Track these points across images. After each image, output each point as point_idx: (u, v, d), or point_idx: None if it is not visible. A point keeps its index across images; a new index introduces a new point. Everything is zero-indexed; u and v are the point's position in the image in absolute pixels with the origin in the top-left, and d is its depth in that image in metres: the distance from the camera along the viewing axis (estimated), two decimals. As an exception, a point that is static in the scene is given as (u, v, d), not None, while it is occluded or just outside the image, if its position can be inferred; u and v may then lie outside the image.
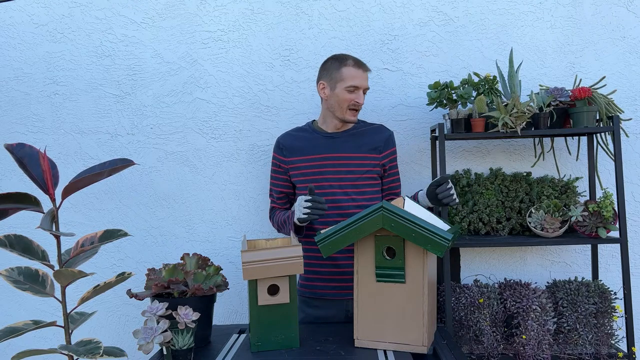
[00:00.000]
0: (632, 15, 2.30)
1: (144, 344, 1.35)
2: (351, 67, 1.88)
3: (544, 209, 2.10)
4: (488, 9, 2.33)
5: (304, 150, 1.96)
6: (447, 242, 1.37)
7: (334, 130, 1.99)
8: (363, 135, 1.98)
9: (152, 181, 2.38)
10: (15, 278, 1.15)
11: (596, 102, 2.06)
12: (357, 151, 1.94)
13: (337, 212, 1.90)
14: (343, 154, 1.94)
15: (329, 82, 1.91)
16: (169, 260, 2.35)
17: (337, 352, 1.50)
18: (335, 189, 1.92)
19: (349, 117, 1.92)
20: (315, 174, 1.94)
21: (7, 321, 2.37)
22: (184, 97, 2.38)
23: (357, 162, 1.93)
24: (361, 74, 1.89)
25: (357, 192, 1.93)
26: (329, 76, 1.91)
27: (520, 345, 1.97)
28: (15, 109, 2.41)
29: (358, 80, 1.88)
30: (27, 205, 1.12)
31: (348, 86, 1.87)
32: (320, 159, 1.94)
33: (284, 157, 1.99)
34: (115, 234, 1.18)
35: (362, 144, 1.95)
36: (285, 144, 2.00)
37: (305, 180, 1.95)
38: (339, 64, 1.90)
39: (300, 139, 2.00)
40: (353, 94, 1.88)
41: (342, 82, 1.88)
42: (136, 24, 2.38)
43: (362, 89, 1.90)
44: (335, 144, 1.95)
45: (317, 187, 1.91)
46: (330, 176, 1.93)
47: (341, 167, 1.93)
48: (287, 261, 1.50)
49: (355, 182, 1.93)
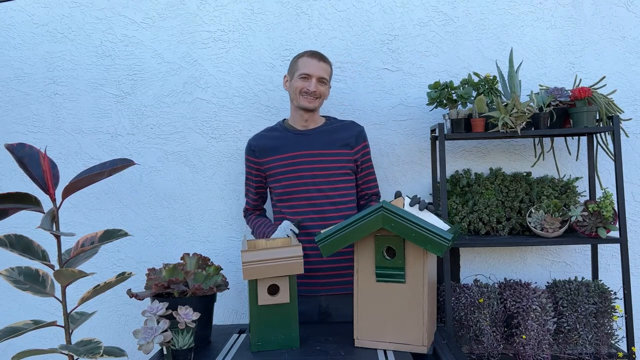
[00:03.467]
0: (632, 15, 2.30)
1: (144, 343, 1.35)
2: (306, 57, 1.98)
3: (544, 209, 2.10)
4: (488, 9, 2.33)
5: (277, 149, 2.00)
6: (447, 242, 1.37)
7: (303, 127, 2.04)
8: (334, 132, 2.03)
9: (152, 181, 2.38)
10: (16, 278, 1.15)
11: (596, 102, 2.07)
12: (329, 147, 1.99)
13: (312, 210, 1.95)
14: (315, 150, 1.98)
15: (289, 74, 2.03)
16: (169, 260, 2.35)
17: (337, 352, 1.50)
18: (310, 186, 1.96)
19: (302, 103, 1.97)
20: (289, 172, 1.97)
21: (7, 321, 2.37)
22: (184, 97, 2.38)
23: (330, 158, 1.98)
24: (315, 62, 1.97)
25: (331, 188, 1.97)
26: (290, 69, 2.03)
27: (520, 345, 1.97)
28: (15, 109, 2.41)
29: (309, 68, 1.96)
30: (28, 205, 1.12)
31: (301, 74, 1.96)
32: (293, 156, 1.98)
33: (257, 158, 2.03)
34: (115, 234, 1.18)
35: (334, 140, 2.00)
36: (257, 145, 2.04)
37: (281, 178, 1.98)
38: (297, 57, 2.02)
39: (271, 138, 2.04)
40: (305, 81, 1.96)
41: (297, 71, 1.98)
42: (136, 24, 2.38)
43: (315, 77, 1.96)
44: (307, 141, 2.00)
45: (292, 185, 1.96)
46: (304, 173, 1.96)
47: (314, 164, 1.97)
48: (287, 261, 1.50)
49: (329, 179, 1.97)
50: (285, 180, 1.97)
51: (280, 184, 1.98)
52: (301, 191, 1.96)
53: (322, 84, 1.98)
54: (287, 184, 1.97)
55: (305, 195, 1.96)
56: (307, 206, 1.95)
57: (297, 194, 1.96)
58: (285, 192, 1.98)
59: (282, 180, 1.98)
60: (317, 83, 1.96)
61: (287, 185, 1.97)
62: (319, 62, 1.97)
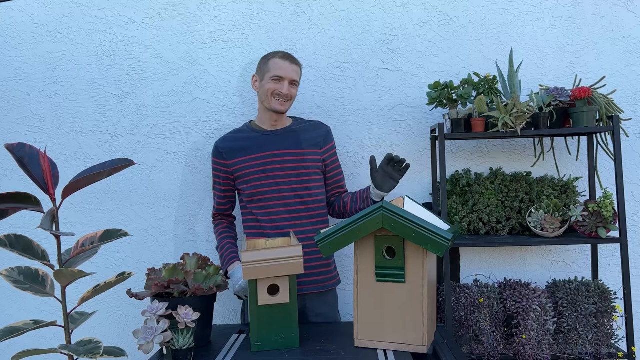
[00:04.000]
0: (632, 15, 2.30)
1: (144, 343, 1.35)
2: (277, 59, 1.98)
3: (544, 209, 2.10)
4: (488, 9, 2.33)
5: (246, 150, 2.00)
6: (447, 242, 1.37)
7: (271, 127, 2.04)
8: (302, 132, 2.04)
9: (152, 181, 2.38)
10: (16, 278, 1.15)
11: (596, 102, 2.07)
12: (298, 147, 2.00)
13: (284, 209, 1.96)
14: (285, 150, 1.99)
15: (259, 74, 2.02)
16: (169, 260, 2.35)
17: (337, 352, 1.50)
18: (281, 186, 1.97)
19: (274, 106, 1.98)
20: (260, 172, 1.97)
21: (8, 321, 2.37)
22: (184, 97, 2.38)
23: (300, 157, 1.99)
24: (287, 65, 1.98)
25: (302, 187, 1.98)
26: (260, 70, 2.03)
27: (520, 345, 1.97)
28: (15, 109, 2.41)
29: (281, 70, 1.96)
30: (28, 205, 1.12)
31: (273, 76, 1.96)
32: (264, 157, 1.98)
33: (225, 160, 2.02)
34: (115, 234, 1.18)
35: (302, 141, 2.02)
36: (225, 147, 2.03)
37: (251, 179, 1.98)
38: (267, 58, 2.01)
39: (239, 139, 2.04)
40: (278, 83, 1.96)
41: (268, 73, 1.97)
42: (136, 24, 2.38)
43: (287, 79, 1.97)
44: (276, 141, 2.01)
45: (263, 185, 1.97)
46: (275, 173, 1.97)
47: (285, 164, 1.98)
48: (287, 261, 1.50)
49: (300, 178, 1.98)
50: (256, 181, 1.97)
51: (250, 185, 1.98)
52: (273, 191, 1.97)
53: (294, 86, 2.01)
54: (257, 184, 1.97)
55: (277, 195, 1.97)
56: (279, 206, 1.96)
57: (269, 194, 1.97)
58: (256, 193, 1.98)
59: (252, 181, 1.98)
60: (289, 86, 1.98)
61: (258, 185, 1.97)
62: (291, 65, 1.99)
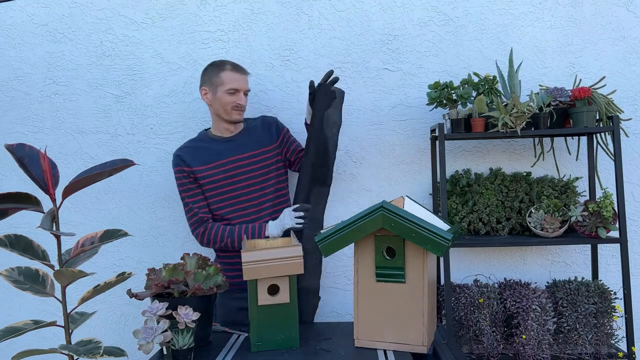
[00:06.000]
0: (632, 15, 2.30)
1: (144, 343, 1.35)
2: (229, 71, 2.00)
3: (544, 209, 2.10)
4: (488, 9, 2.33)
5: (208, 159, 2.02)
6: (447, 242, 1.37)
7: (228, 134, 2.08)
8: (254, 130, 2.09)
9: (152, 181, 2.38)
10: (16, 278, 1.15)
11: (596, 102, 2.07)
12: (257, 147, 2.05)
13: (255, 210, 2.01)
14: (245, 154, 2.03)
15: (210, 87, 2.02)
16: (169, 260, 2.35)
17: (337, 352, 1.50)
18: (250, 187, 2.01)
19: (235, 117, 2.02)
20: (225, 178, 2.01)
21: (8, 321, 2.37)
22: (184, 97, 2.38)
23: (262, 156, 2.04)
24: (239, 76, 2.01)
25: (268, 185, 2.04)
26: (210, 82, 2.02)
27: (520, 345, 1.97)
28: (15, 109, 2.41)
29: (237, 83, 1.99)
30: (28, 205, 1.12)
31: (228, 89, 1.98)
32: (226, 163, 2.01)
33: (189, 167, 2.01)
34: (115, 234, 1.18)
35: (258, 139, 2.06)
36: (187, 156, 2.02)
37: (216, 186, 2.01)
38: (217, 70, 2.01)
39: (199, 149, 2.05)
40: (234, 96, 1.99)
41: (222, 85, 1.99)
42: (136, 24, 2.38)
43: (242, 90, 2.01)
44: (236, 146, 2.04)
45: (230, 191, 2.01)
46: (240, 177, 2.01)
47: (249, 166, 2.02)
48: (287, 261, 1.50)
49: (264, 177, 2.03)
50: (222, 187, 2.01)
51: (217, 192, 2.01)
52: (239, 195, 2.01)
53: (246, 95, 2.05)
54: (223, 191, 2.01)
55: (244, 198, 2.01)
56: (250, 207, 2.00)
57: (235, 198, 2.01)
58: (226, 198, 2.01)
59: (218, 187, 2.01)
60: (244, 97, 2.02)
61: (226, 191, 2.01)
62: (242, 76, 2.03)
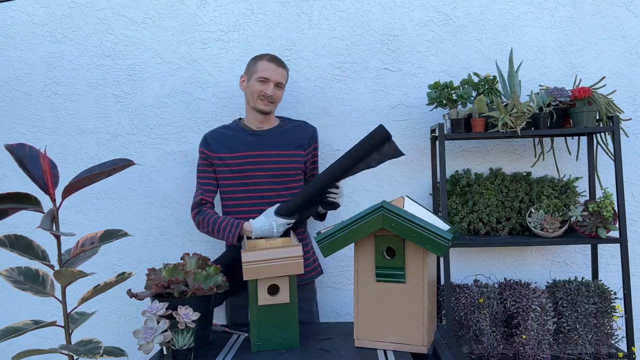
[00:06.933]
0: (632, 15, 2.30)
1: (144, 343, 1.35)
2: (265, 61, 2.02)
3: (544, 209, 2.10)
4: (488, 9, 2.33)
5: (231, 147, 2.02)
6: (447, 241, 1.37)
7: (258, 127, 2.07)
8: (288, 133, 2.08)
9: (152, 181, 2.38)
10: (16, 278, 1.15)
11: (596, 102, 2.07)
12: (284, 148, 2.04)
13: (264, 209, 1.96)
14: (270, 151, 2.02)
15: (247, 75, 2.05)
16: (169, 260, 2.35)
17: (337, 352, 1.50)
18: (264, 186, 2.00)
19: (260, 106, 2.01)
20: (243, 170, 2.00)
21: (8, 321, 2.37)
22: (184, 97, 2.38)
23: (284, 158, 2.03)
24: (274, 67, 2.01)
25: (284, 187, 2.02)
26: (248, 70, 2.06)
27: (520, 345, 1.97)
28: (15, 109, 2.41)
29: (268, 72, 1.99)
30: (27, 205, 1.12)
31: (259, 77, 1.99)
32: (248, 156, 2.01)
33: (211, 152, 2.03)
34: (115, 234, 1.18)
35: (288, 141, 2.05)
36: (212, 139, 2.05)
37: (233, 177, 2.01)
38: (256, 59, 2.05)
39: (226, 136, 2.06)
40: (264, 84, 1.99)
41: (255, 74, 2.01)
42: (136, 24, 2.38)
43: (273, 81, 2.00)
44: (261, 141, 2.03)
45: (245, 184, 2.00)
46: (258, 173, 2.00)
47: (268, 164, 2.01)
48: (287, 261, 1.50)
49: (282, 179, 2.02)
50: (238, 179, 2.01)
51: (231, 182, 2.01)
52: (254, 190, 2.00)
53: (279, 88, 2.04)
54: (239, 182, 2.01)
55: (259, 194, 2.00)
56: (259, 205, 1.98)
57: (250, 192, 2.00)
58: (238, 190, 2.01)
59: (234, 178, 2.01)
60: (274, 87, 2.01)
61: (240, 184, 2.01)
62: (278, 67, 2.02)
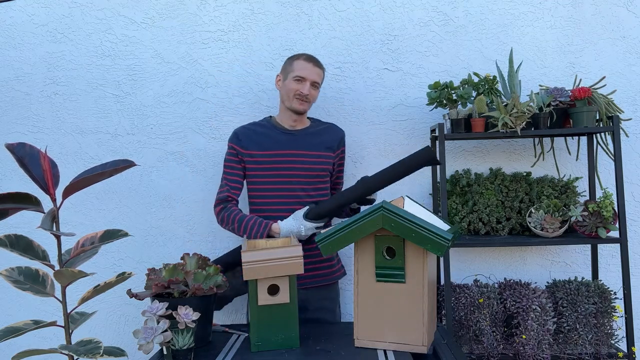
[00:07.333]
0: (632, 15, 2.30)
1: (144, 343, 1.35)
2: (302, 60, 2.02)
3: (544, 209, 2.10)
4: (488, 9, 2.33)
5: (263, 145, 2.02)
6: (447, 241, 1.37)
7: (290, 126, 2.08)
8: (319, 134, 2.09)
9: (152, 181, 2.38)
10: (16, 278, 1.15)
11: (596, 102, 2.07)
12: (315, 149, 2.05)
13: (297, 208, 1.96)
14: (302, 151, 2.03)
15: (283, 74, 2.06)
16: (169, 260, 2.35)
17: (337, 352, 1.50)
18: (294, 185, 2.01)
19: (295, 106, 2.01)
20: (274, 169, 2.01)
21: (8, 321, 2.37)
22: (184, 97, 2.38)
23: (315, 159, 2.04)
24: (310, 67, 2.01)
25: (313, 188, 2.03)
26: (284, 69, 2.06)
27: (520, 345, 1.97)
28: (15, 109, 2.41)
29: (305, 71, 1.99)
30: (28, 205, 1.12)
31: (295, 76, 1.99)
32: (280, 154, 2.01)
33: (242, 148, 2.03)
34: (115, 234, 1.18)
35: (319, 143, 2.07)
36: (244, 135, 2.06)
37: (263, 174, 2.02)
38: (293, 59, 2.05)
39: (258, 133, 2.06)
40: (300, 83, 1.99)
41: (291, 72, 2.01)
42: (136, 24, 2.38)
43: (309, 80, 2.00)
44: (294, 141, 2.04)
45: (276, 182, 2.01)
46: (289, 172, 2.01)
47: (300, 164, 2.02)
48: (287, 261, 1.50)
49: (311, 179, 2.03)
50: (268, 177, 2.01)
51: (262, 180, 2.02)
52: (284, 189, 2.00)
53: (315, 88, 2.04)
54: (270, 180, 2.01)
55: (288, 193, 2.00)
56: (289, 204, 1.98)
57: (280, 191, 2.01)
58: (267, 189, 2.01)
59: (264, 176, 2.01)
60: (310, 87, 2.00)
61: (270, 182, 2.01)
62: (314, 67, 2.02)
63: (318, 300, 2.02)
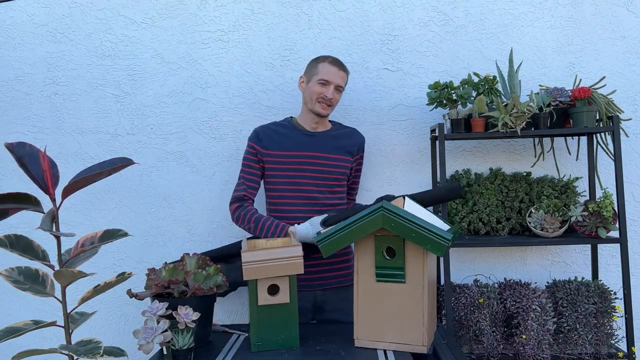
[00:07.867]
0: (632, 15, 2.30)
1: (144, 343, 1.35)
2: (327, 63, 2.00)
3: (544, 209, 2.10)
4: (488, 9, 2.33)
5: (284, 145, 2.02)
6: (447, 241, 1.37)
7: (312, 128, 2.07)
8: (340, 138, 2.09)
9: (152, 181, 2.38)
10: (16, 278, 1.15)
11: (596, 102, 2.07)
12: (335, 152, 2.05)
13: (314, 209, 1.98)
14: (322, 153, 2.03)
15: (307, 76, 2.05)
16: (169, 260, 2.35)
17: (337, 352, 1.50)
18: (312, 187, 2.01)
19: (318, 109, 2.00)
20: (293, 169, 2.00)
21: (8, 321, 2.37)
22: (184, 97, 2.38)
23: (334, 162, 2.04)
24: (335, 71, 2.00)
25: (331, 190, 2.04)
26: (308, 71, 2.05)
27: (520, 345, 1.97)
28: (15, 109, 2.41)
29: (329, 75, 1.98)
30: (27, 205, 1.12)
31: (320, 79, 1.98)
32: (301, 156, 2.01)
33: (262, 148, 2.03)
34: (115, 234, 1.18)
35: (339, 146, 2.06)
36: (265, 134, 2.05)
37: (283, 174, 2.01)
38: (317, 61, 2.04)
39: (279, 133, 2.05)
40: (324, 87, 1.98)
41: (316, 75, 1.99)
42: (136, 24, 2.38)
43: (333, 84, 1.99)
44: (315, 143, 2.03)
45: (295, 183, 2.01)
46: (308, 174, 2.01)
47: (319, 166, 2.02)
48: (287, 261, 1.50)
49: (328, 182, 2.03)
50: (288, 178, 2.00)
51: (281, 180, 2.01)
52: (303, 190, 2.00)
53: (338, 91, 2.03)
54: (288, 181, 2.00)
55: (307, 195, 2.00)
56: (306, 205, 1.99)
57: (298, 192, 2.00)
58: (286, 190, 2.01)
59: (283, 177, 2.01)
60: (334, 91, 1.99)
61: (288, 182, 2.00)
62: (339, 71, 2.01)
63: (337, 302, 2.02)
